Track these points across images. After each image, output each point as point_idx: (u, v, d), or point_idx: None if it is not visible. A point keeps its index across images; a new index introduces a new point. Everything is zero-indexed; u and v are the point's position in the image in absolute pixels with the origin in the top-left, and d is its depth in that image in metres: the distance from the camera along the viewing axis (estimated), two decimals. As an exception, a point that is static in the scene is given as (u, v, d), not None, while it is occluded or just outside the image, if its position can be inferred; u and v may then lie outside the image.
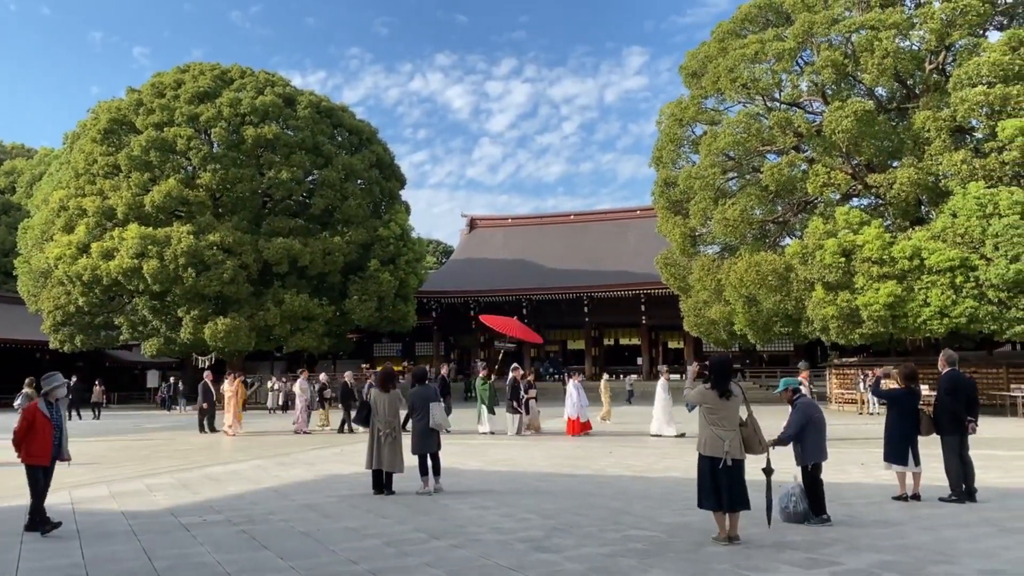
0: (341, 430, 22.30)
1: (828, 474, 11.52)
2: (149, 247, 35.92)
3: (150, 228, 36.86)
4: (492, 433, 20.54)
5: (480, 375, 22.47)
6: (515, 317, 45.35)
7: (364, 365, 42.50)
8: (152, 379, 47.83)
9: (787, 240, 33.04)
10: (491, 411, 21.09)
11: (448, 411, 19.77)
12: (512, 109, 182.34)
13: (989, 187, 25.09)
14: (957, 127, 27.09)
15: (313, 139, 41.05)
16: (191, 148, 38.57)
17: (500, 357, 29.15)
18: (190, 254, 35.77)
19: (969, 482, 9.78)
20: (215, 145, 39.76)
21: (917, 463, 9.77)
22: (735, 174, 32.79)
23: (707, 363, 7.66)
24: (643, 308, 47.46)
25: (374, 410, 10.79)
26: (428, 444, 10.86)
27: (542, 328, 53.34)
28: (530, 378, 21.95)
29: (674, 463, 14.35)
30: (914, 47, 28.45)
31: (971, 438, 10.03)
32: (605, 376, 29.06)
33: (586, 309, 48.85)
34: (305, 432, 22.10)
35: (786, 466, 8.82)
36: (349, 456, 15.75)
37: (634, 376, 45.42)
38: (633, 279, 45.62)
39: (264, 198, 41.78)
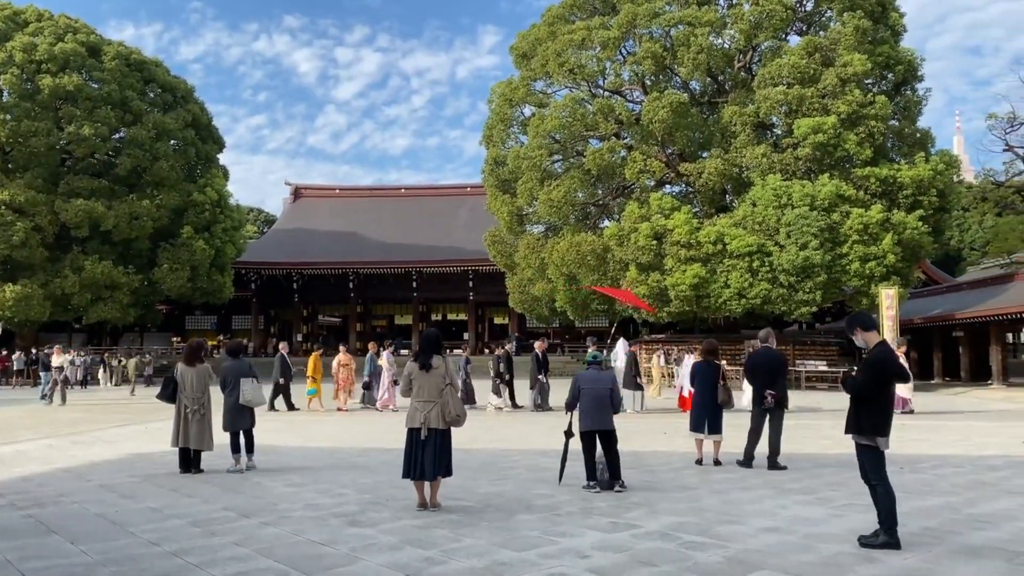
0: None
1: (635, 443, 12.28)
2: (-80, 203, 31.91)
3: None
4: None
5: (591, 348, 21.80)
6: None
7: (175, 339, 40.16)
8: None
9: (606, 222, 34.53)
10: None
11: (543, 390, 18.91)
12: (361, 78, 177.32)
13: (785, 180, 27.44)
14: (760, 123, 29.37)
15: (121, 93, 37.93)
16: (-26, 95, 34.51)
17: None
18: (-29, 213, 32.12)
19: (772, 447, 10.38)
20: (5, 94, 35.79)
21: (715, 431, 10.58)
22: (560, 157, 33.78)
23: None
24: (471, 284, 48.03)
25: (180, 385, 10.20)
26: (240, 420, 10.44)
27: (368, 302, 52.83)
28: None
29: (499, 435, 14.70)
30: (725, 45, 30.50)
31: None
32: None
33: (415, 284, 48.74)
34: (393, 409, 20.01)
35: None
36: (155, 434, 14.84)
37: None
38: (463, 255, 46.03)
39: (63, 155, 38.19)
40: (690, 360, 20.00)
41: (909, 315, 31.13)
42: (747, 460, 10.54)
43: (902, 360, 18.87)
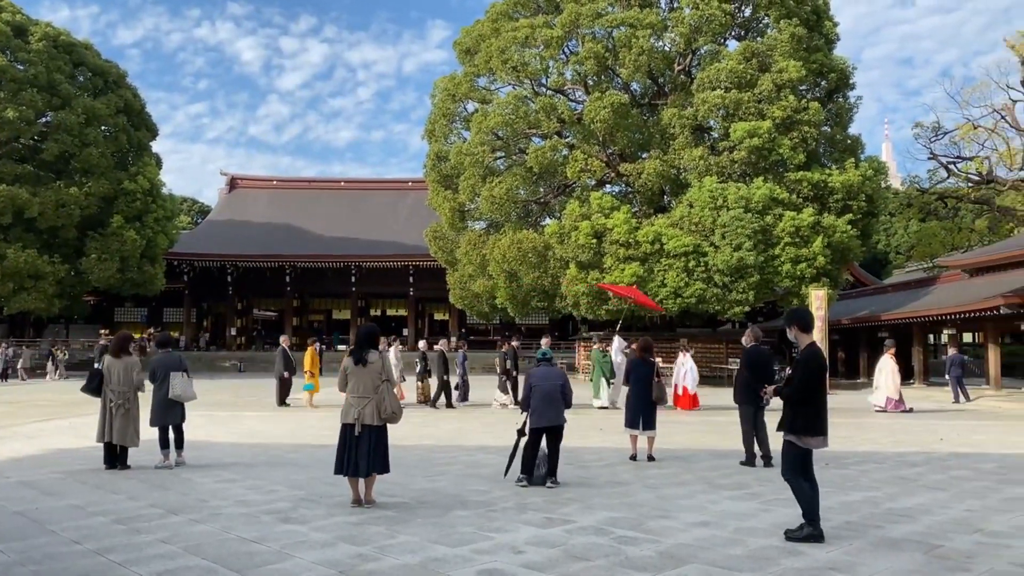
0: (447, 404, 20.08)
1: (571, 439, 12.37)
2: None
3: None
4: (607, 408, 19.54)
5: (596, 347, 21.45)
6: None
7: (103, 331, 38.78)
8: None
9: (547, 220, 34.67)
10: (608, 383, 20.07)
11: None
12: (307, 68, 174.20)
13: (721, 182, 27.98)
14: (698, 126, 29.87)
15: (48, 76, 36.48)
16: None
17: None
18: None
19: (763, 448, 10.46)
20: (-81, 71, 34.07)
21: (649, 427, 10.72)
22: (503, 154, 33.79)
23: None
24: (411, 280, 47.73)
25: (106, 378, 9.88)
26: (169, 415, 10.17)
27: (306, 296, 52.07)
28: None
29: (432, 431, 14.65)
30: (666, 48, 30.92)
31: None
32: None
33: (354, 279, 48.19)
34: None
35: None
36: (80, 429, 14.36)
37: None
38: (403, 250, 45.71)
39: (-16, 139, 36.52)
40: (683, 359, 20.59)
41: (837, 316, 32.12)
42: (750, 460, 10.47)
43: (889, 362, 19.73)
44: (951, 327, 29.54)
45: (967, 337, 31.45)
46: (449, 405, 19.69)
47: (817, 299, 25.18)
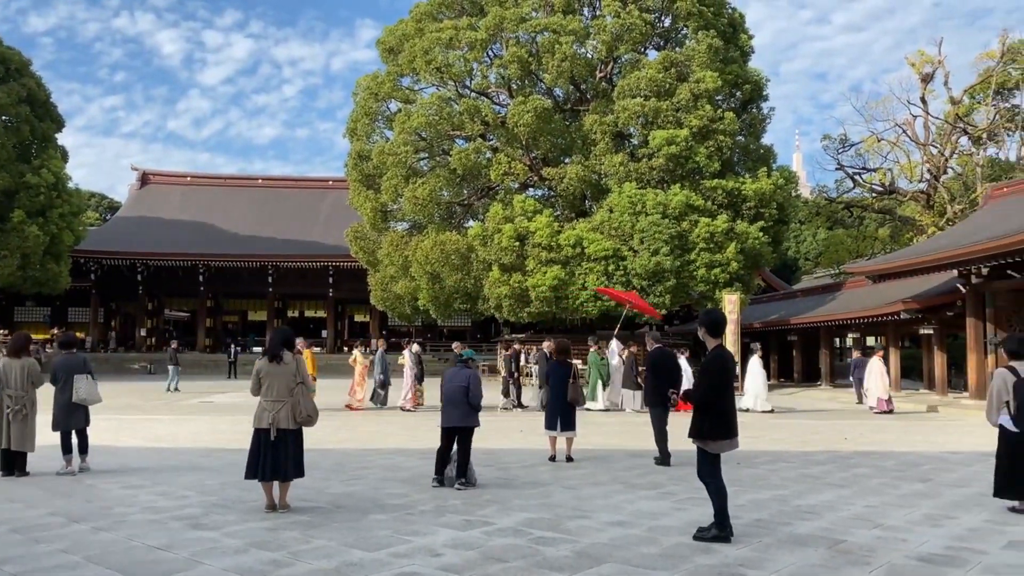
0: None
1: (491, 441, 12.40)
2: None
3: None
4: (607, 409, 19.58)
5: (593, 349, 21.22)
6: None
7: (1, 331, 36.86)
8: None
9: (471, 222, 34.70)
10: (605, 386, 20.09)
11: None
12: (230, 63, 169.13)
13: (640, 188, 28.56)
14: (618, 132, 30.42)
15: (-58, 61, 34.41)
16: None
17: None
18: None
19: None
20: None
21: (568, 428, 10.84)
22: (426, 154, 33.65)
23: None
24: (331, 280, 46.97)
25: (3, 381, 9.38)
26: (72, 419, 9.72)
27: (220, 297, 50.61)
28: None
29: (350, 434, 14.45)
30: (588, 55, 31.36)
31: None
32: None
33: (271, 279, 47.12)
34: (409, 409, 19.36)
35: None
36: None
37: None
38: (323, 251, 44.94)
39: None
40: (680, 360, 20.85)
41: (749, 319, 33.15)
42: (664, 459, 10.65)
43: (878, 364, 20.41)
44: (856, 331, 30.88)
45: (870, 341, 32.94)
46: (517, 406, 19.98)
47: (730, 303, 25.96)
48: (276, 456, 7.31)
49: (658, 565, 5.69)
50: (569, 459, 10.83)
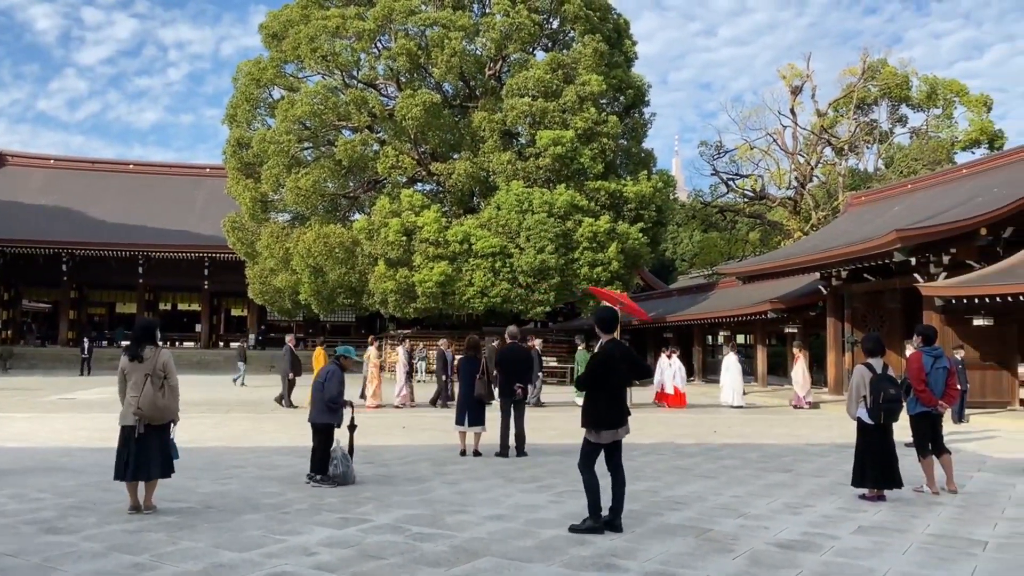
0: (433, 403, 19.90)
1: (372, 438, 12.24)
2: None
3: None
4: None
5: (581, 348, 21.10)
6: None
7: None
8: None
9: (356, 215, 34.13)
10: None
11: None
12: (112, 43, 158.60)
13: (527, 187, 28.88)
14: (506, 131, 30.64)
15: None
16: None
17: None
18: None
19: (518, 440, 11.13)
20: None
21: (477, 423, 10.96)
22: (310, 144, 32.80)
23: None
24: (207, 272, 45.10)
25: None
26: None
27: (85, 287, 47.65)
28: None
29: (224, 431, 13.94)
30: (478, 52, 31.41)
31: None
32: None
33: (141, 270, 44.74)
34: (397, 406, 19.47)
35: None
36: None
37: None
38: (198, 241, 42.96)
39: None
40: (667, 360, 21.46)
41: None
42: (503, 450, 11.05)
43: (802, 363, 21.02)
44: (727, 329, 32.38)
45: (740, 339, 34.62)
46: (444, 405, 19.32)
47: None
48: (140, 454, 6.99)
49: (534, 558, 5.78)
50: (477, 453, 11.03)
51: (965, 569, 5.65)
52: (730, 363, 21.35)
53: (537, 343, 21.17)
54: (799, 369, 21.51)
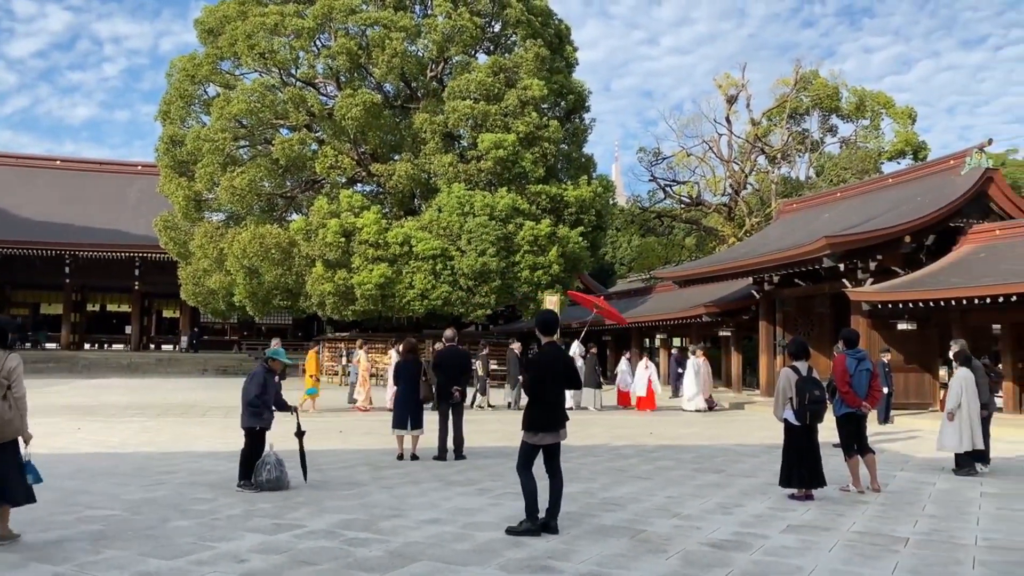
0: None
1: (309, 442, 12.04)
2: None
3: None
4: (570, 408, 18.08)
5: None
6: None
7: None
8: None
9: (294, 216, 33.56)
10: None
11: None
12: (43, 35, 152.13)
13: (468, 189, 28.85)
14: (448, 133, 30.56)
15: None
16: None
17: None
18: None
19: (456, 442, 11.18)
20: None
21: (417, 426, 10.91)
22: (247, 143, 32.15)
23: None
24: (138, 273, 43.77)
25: None
26: None
27: (8, 288, 45.76)
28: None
29: (153, 436, 13.54)
30: (419, 53, 31.26)
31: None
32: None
33: (68, 269, 43.16)
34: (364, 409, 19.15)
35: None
36: None
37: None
38: (128, 240, 41.65)
39: None
40: (642, 364, 21.95)
41: (568, 319, 34.40)
42: (442, 454, 11.02)
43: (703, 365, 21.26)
44: (664, 332, 32.90)
45: (676, 341, 35.20)
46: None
47: (551, 304, 26.78)
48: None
49: (470, 561, 5.77)
50: (415, 457, 10.95)
51: (887, 565, 5.85)
52: (690, 369, 21.85)
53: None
54: (703, 370, 22.05)
